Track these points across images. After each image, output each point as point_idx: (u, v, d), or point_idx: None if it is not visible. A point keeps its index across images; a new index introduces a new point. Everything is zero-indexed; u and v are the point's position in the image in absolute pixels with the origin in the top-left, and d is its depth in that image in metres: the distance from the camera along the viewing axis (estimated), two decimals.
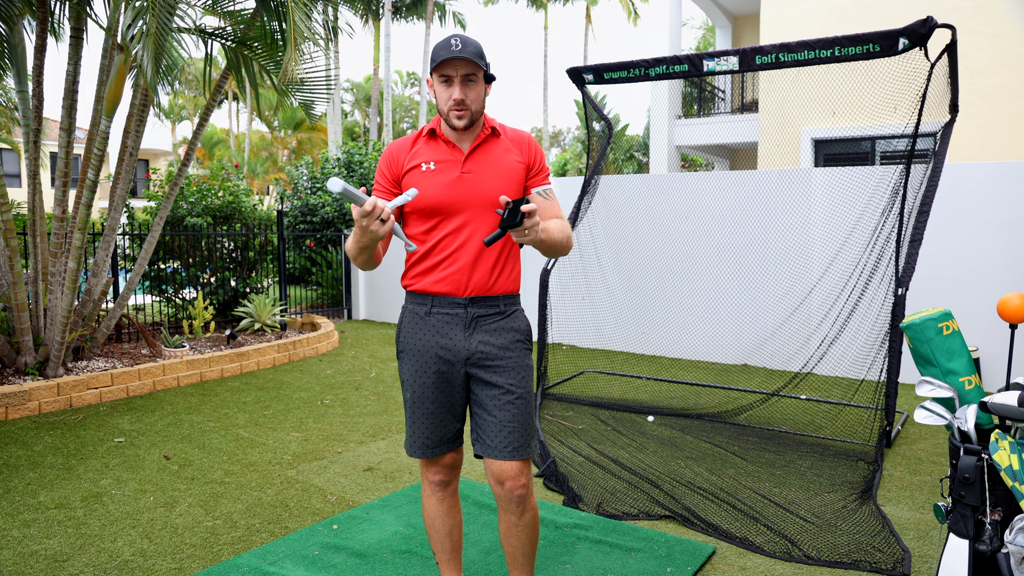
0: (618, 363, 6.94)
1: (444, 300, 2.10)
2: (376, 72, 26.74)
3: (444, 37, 2.02)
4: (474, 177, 2.07)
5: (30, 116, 5.55)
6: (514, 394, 2.09)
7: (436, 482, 2.25)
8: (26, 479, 3.75)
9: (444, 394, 2.14)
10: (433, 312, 2.11)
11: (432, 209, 2.06)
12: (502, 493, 2.12)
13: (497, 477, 2.10)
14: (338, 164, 12.52)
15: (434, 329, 2.11)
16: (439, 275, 2.09)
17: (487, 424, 2.10)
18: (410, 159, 2.09)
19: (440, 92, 2.02)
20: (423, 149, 2.10)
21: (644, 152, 27.01)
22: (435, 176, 2.06)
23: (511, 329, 2.13)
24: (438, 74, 2.00)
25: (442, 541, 2.29)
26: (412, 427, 2.19)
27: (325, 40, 6.62)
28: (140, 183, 24.84)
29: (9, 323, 5.64)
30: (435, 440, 2.17)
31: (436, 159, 2.07)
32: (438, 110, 2.07)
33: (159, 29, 4.70)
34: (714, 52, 4.61)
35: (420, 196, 2.06)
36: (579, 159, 36.13)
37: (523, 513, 2.14)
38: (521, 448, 2.09)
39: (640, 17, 30.59)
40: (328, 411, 5.20)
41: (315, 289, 11.37)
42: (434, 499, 2.27)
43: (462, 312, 2.09)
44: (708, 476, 3.76)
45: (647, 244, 7.22)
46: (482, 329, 2.10)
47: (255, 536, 3.08)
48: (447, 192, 2.05)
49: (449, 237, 2.07)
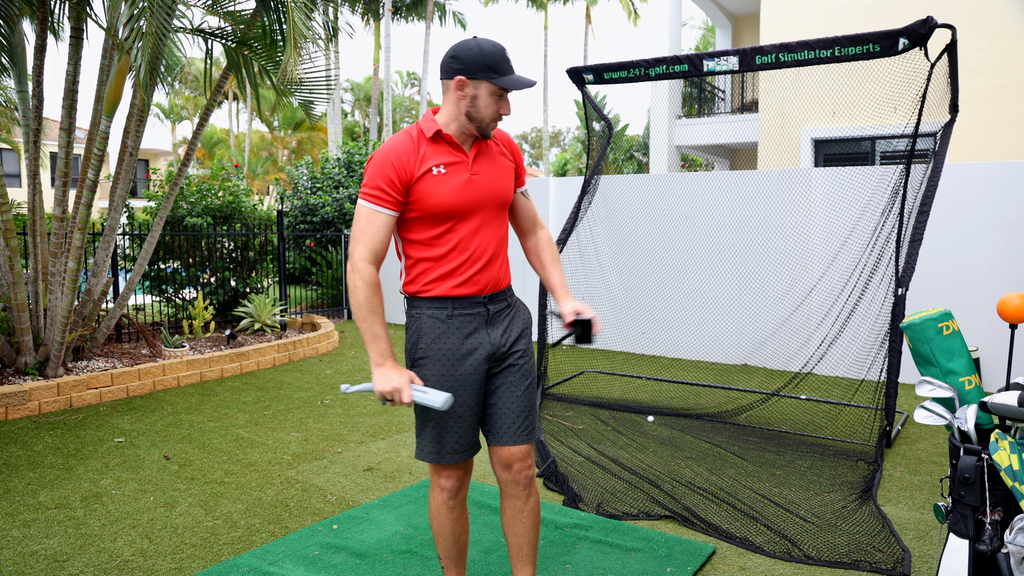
0: (618, 363, 6.94)
1: (465, 301, 2.09)
2: (376, 72, 26.75)
3: (496, 46, 2.00)
4: (482, 179, 2.08)
5: (30, 116, 5.55)
6: (526, 380, 2.18)
7: (450, 488, 2.20)
8: (26, 479, 3.75)
9: (474, 395, 2.13)
10: (455, 314, 2.09)
11: (449, 212, 2.03)
12: (509, 478, 2.17)
13: (506, 462, 2.15)
14: (338, 164, 12.51)
15: (458, 330, 2.09)
16: (461, 278, 2.07)
17: (503, 411, 2.15)
18: (420, 164, 2.01)
19: (489, 103, 2.01)
20: (429, 152, 2.03)
21: (644, 152, 27.01)
22: (447, 180, 2.02)
23: (520, 319, 2.22)
24: (497, 86, 1.99)
25: (450, 548, 2.27)
26: (439, 433, 2.11)
27: (325, 40, 6.62)
28: (140, 183, 24.84)
29: (9, 323, 5.64)
30: (464, 444, 2.15)
31: (445, 162, 2.04)
32: (472, 115, 2.02)
33: (157, 30, 4.70)
34: (714, 52, 4.61)
35: (437, 200, 2.00)
36: (579, 159, 36.13)
37: (529, 497, 2.20)
38: (531, 431, 2.19)
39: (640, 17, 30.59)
40: (328, 411, 5.21)
41: (315, 289, 11.37)
42: (445, 507, 2.23)
43: (483, 311, 2.11)
44: (708, 476, 3.76)
45: (647, 244, 7.22)
46: (499, 324, 2.15)
47: (255, 536, 3.08)
48: (461, 195, 2.04)
49: (466, 240, 2.06)
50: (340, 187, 11.99)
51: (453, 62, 2.00)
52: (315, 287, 11.38)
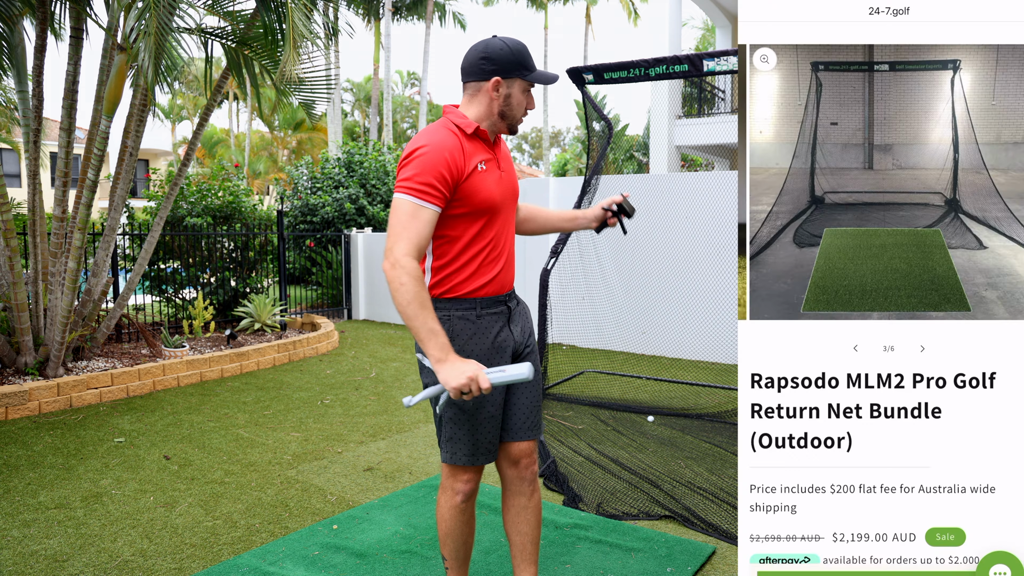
0: (618, 363, 6.94)
1: (490, 300, 2.08)
2: (376, 72, 26.75)
3: (521, 44, 2.03)
4: (506, 175, 2.11)
5: (30, 116, 5.55)
6: (538, 375, 2.21)
7: (467, 491, 2.16)
8: (26, 479, 3.75)
9: (503, 394, 2.13)
10: (483, 314, 2.07)
11: (491, 209, 2.03)
12: (516, 474, 2.18)
13: (514, 458, 2.17)
14: (338, 164, 12.51)
15: (487, 330, 2.07)
16: (490, 276, 2.06)
17: (518, 407, 2.16)
18: (469, 160, 1.97)
19: (521, 99, 2.05)
20: (470, 149, 2.00)
21: (644, 152, 27.01)
22: (488, 176, 2.03)
23: (527, 316, 2.25)
24: (528, 83, 2.04)
25: (458, 550, 2.25)
26: (473, 433, 2.07)
27: (325, 40, 6.62)
28: (140, 183, 24.83)
29: (9, 323, 5.64)
30: (496, 443, 2.13)
31: (484, 159, 2.04)
32: (504, 113, 2.04)
33: (159, 29, 4.70)
34: (714, 52, 4.61)
35: (484, 196, 1.99)
36: (579, 159, 36.12)
37: (533, 492, 2.22)
38: (537, 427, 2.21)
39: (640, 17, 30.58)
40: (328, 411, 5.20)
41: (315, 289, 11.37)
42: (457, 509, 2.19)
43: (504, 309, 2.12)
44: (708, 476, 3.76)
45: (647, 244, 7.22)
46: (516, 321, 2.17)
47: (255, 536, 3.08)
48: (498, 190, 2.05)
49: (499, 235, 2.08)
50: (340, 187, 11.98)
51: (486, 63, 1.99)
52: (315, 287, 11.38)
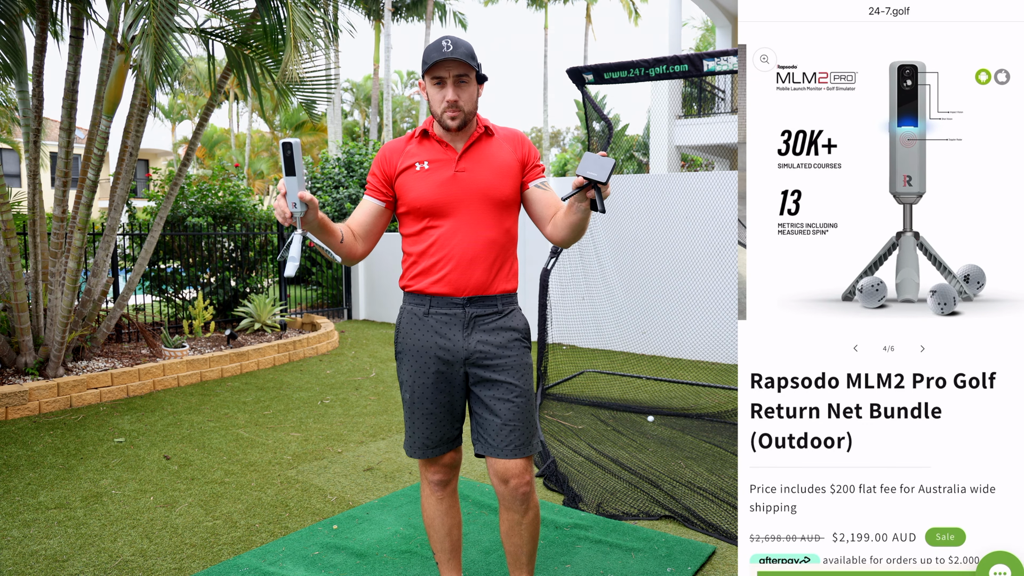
0: (618, 363, 6.94)
1: (442, 300, 2.10)
2: (376, 72, 26.76)
3: (435, 42, 2.02)
4: (468, 175, 2.08)
5: (30, 116, 5.55)
6: (514, 392, 2.09)
7: (435, 482, 2.25)
8: (26, 479, 3.75)
9: (443, 394, 2.14)
10: (431, 312, 2.11)
11: (427, 209, 2.07)
12: (506, 491, 2.12)
13: (501, 476, 2.11)
14: (338, 164, 12.51)
15: (432, 329, 2.11)
16: (437, 275, 2.08)
17: (489, 423, 2.10)
18: (403, 160, 2.10)
19: (433, 94, 2.04)
20: (416, 150, 2.11)
21: (644, 152, 27.02)
22: (429, 176, 2.07)
23: (509, 328, 2.13)
24: (430, 76, 2.02)
25: (441, 541, 2.30)
26: (411, 427, 2.19)
27: (325, 40, 6.62)
28: (140, 183, 24.84)
29: (9, 323, 5.64)
30: (435, 440, 2.18)
31: (429, 159, 2.09)
32: (431, 111, 2.08)
33: (159, 28, 4.70)
34: (714, 52, 4.61)
35: (415, 195, 2.07)
36: (579, 159, 36.08)
37: (527, 511, 2.15)
38: (523, 446, 2.10)
39: (640, 17, 30.58)
40: (328, 411, 5.20)
41: (315, 289, 11.37)
42: (433, 499, 2.27)
43: (460, 312, 2.09)
44: (708, 476, 3.76)
45: (647, 244, 7.22)
46: (480, 329, 2.10)
47: (255, 536, 3.08)
48: (441, 191, 2.06)
49: (444, 237, 2.07)
50: (340, 187, 11.99)
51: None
52: (315, 287, 11.38)
